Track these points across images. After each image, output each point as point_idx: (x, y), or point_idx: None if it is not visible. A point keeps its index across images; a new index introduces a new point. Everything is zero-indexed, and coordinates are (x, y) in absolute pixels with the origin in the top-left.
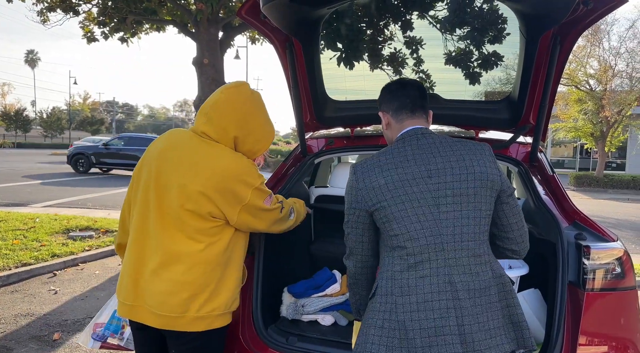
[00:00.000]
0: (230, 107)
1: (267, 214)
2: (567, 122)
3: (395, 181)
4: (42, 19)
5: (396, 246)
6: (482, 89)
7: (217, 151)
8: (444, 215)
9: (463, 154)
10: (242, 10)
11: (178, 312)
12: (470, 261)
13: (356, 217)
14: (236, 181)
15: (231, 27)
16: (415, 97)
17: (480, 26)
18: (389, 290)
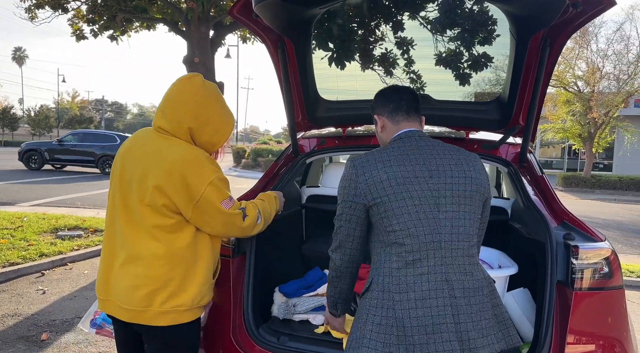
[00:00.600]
0: (183, 98)
1: (224, 218)
2: (556, 123)
3: (398, 177)
4: (30, 16)
5: (394, 242)
6: (473, 90)
7: (171, 144)
8: (442, 215)
9: (460, 159)
10: (234, 9)
11: (142, 305)
12: (465, 260)
13: (352, 210)
14: (188, 173)
15: (222, 26)
16: (409, 100)
17: (471, 27)
18: (387, 286)
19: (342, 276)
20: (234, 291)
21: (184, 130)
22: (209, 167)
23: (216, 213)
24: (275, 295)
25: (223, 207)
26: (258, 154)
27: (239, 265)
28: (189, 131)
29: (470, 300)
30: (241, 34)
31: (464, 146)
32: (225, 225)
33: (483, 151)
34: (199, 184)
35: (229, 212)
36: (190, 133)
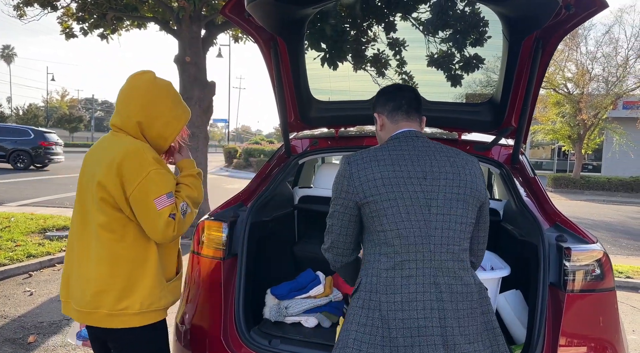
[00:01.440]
0: (134, 93)
1: (153, 217)
2: (546, 124)
3: (391, 177)
4: (18, 13)
5: (383, 242)
6: (465, 91)
7: (118, 139)
8: (433, 217)
9: (457, 162)
10: (226, 8)
11: (90, 307)
12: (455, 265)
13: (344, 208)
14: (125, 165)
15: (214, 25)
16: (410, 99)
17: (462, 29)
18: (374, 287)
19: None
20: (225, 293)
21: (133, 124)
22: (147, 160)
23: (146, 210)
24: (267, 297)
25: (155, 205)
26: (250, 154)
27: (230, 266)
28: (138, 125)
29: (458, 304)
30: (233, 33)
31: (456, 147)
32: (156, 227)
33: (475, 152)
34: (134, 175)
35: (159, 212)
36: (140, 128)
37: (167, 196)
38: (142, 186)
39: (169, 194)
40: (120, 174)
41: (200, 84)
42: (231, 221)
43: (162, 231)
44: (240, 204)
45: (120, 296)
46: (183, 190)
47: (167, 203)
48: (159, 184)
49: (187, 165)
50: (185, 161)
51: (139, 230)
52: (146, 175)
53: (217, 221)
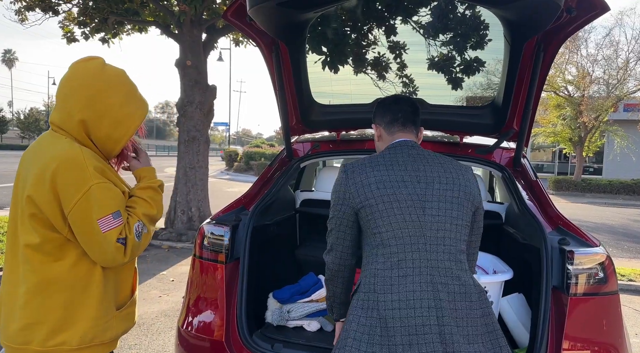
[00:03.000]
0: (77, 85)
1: (99, 241)
2: (546, 127)
3: (385, 181)
4: (20, 18)
5: (379, 244)
6: (466, 94)
7: (54, 141)
8: (428, 218)
9: (450, 168)
10: (228, 13)
11: (18, 342)
12: (452, 265)
13: (342, 213)
14: (60, 178)
15: (215, 29)
16: (407, 112)
17: (463, 32)
18: (372, 287)
19: (334, 279)
20: (227, 297)
21: (75, 123)
22: (87, 171)
23: (89, 232)
24: (269, 301)
25: (99, 227)
26: (250, 158)
27: (232, 270)
28: (81, 124)
29: (456, 304)
30: (234, 37)
31: (458, 150)
32: (102, 253)
33: (477, 155)
34: (72, 190)
35: (104, 235)
36: (84, 128)
37: (114, 217)
38: (82, 204)
39: (115, 214)
40: (55, 189)
41: (201, 87)
42: (233, 225)
43: (111, 258)
44: (242, 208)
45: (55, 329)
46: (139, 206)
47: (115, 225)
48: (103, 201)
49: (146, 174)
50: (143, 169)
51: (81, 251)
52: (87, 190)
53: (219, 225)
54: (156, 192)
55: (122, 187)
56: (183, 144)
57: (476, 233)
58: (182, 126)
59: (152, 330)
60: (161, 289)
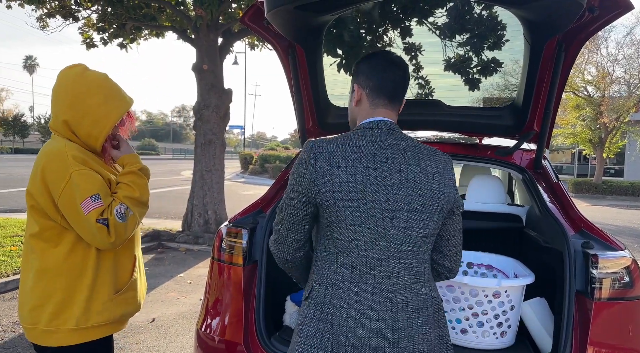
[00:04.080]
0: (61, 90)
1: (84, 223)
2: (565, 128)
3: (357, 182)
4: (41, 25)
5: (339, 251)
6: (484, 95)
7: (48, 143)
8: (395, 230)
9: (427, 167)
10: (245, 17)
11: (29, 322)
12: (412, 279)
13: (301, 204)
14: (47, 169)
15: (231, 34)
16: (398, 82)
17: (480, 32)
18: (327, 298)
19: (288, 269)
20: (245, 299)
21: (60, 124)
22: (67, 160)
23: (76, 216)
24: (287, 304)
25: (82, 209)
26: (265, 161)
27: (250, 273)
28: (65, 124)
29: (412, 321)
30: (249, 41)
31: (477, 152)
32: (89, 234)
33: (497, 157)
34: (57, 180)
35: (87, 217)
36: (69, 127)
37: (92, 199)
38: (66, 190)
39: (94, 197)
40: (44, 180)
41: (218, 91)
42: (251, 228)
43: (96, 238)
44: (259, 211)
45: (55, 311)
46: (121, 190)
47: (93, 206)
48: (82, 186)
49: (129, 161)
50: (126, 157)
51: (76, 237)
52: (69, 178)
53: (237, 228)
54: (137, 176)
55: (107, 175)
56: (199, 148)
57: (454, 230)
58: (199, 130)
59: (171, 332)
60: (179, 291)
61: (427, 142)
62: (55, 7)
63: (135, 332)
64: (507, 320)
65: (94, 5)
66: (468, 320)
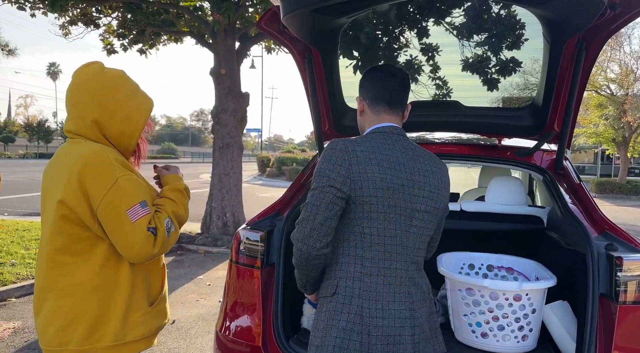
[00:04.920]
0: (81, 89)
1: (129, 231)
2: (588, 127)
3: (386, 181)
4: (64, 32)
5: (366, 246)
6: (503, 95)
7: (74, 146)
8: (413, 229)
9: (435, 173)
10: (261, 21)
11: (55, 344)
12: (417, 274)
13: (336, 198)
14: (86, 174)
15: (247, 38)
16: (394, 90)
17: (498, 32)
18: (356, 292)
19: (310, 267)
20: (263, 302)
21: (89, 124)
22: (112, 165)
23: (119, 224)
24: (304, 307)
25: (129, 217)
26: (282, 163)
27: (268, 275)
28: (95, 124)
29: (422, 311)
30: (266, 44)
31: (496, 153)
32: (133, 243)
33: (516, 158)
34: (100, 186)
35: (135, 225)
36: (99, 127)
37: (142, 206)
38: (109, 196)
39: (143, 203)
40: (83, 187)
41: (235, 95)
42: (268, 231)
43: (140, 247)
44: (276, 214)
45: (89, 328)
46: (168, 205)
47: (143, 213)
48: (130, 192)
49: (173, 179)
50: (170, 176)
51: (109, 250)
52: (114, 183)
53: (254, 231)
54: (182, 194)
55: (146, 181)
56: (217, 151)
57: (439, 231)
58: (217, 133)
59: (191, 334)
60: (198, 293)
61: (445, 144)
62: (77, 14)
63: None
64: (528, 324)
65: (114, 12)
66: (488, 324)
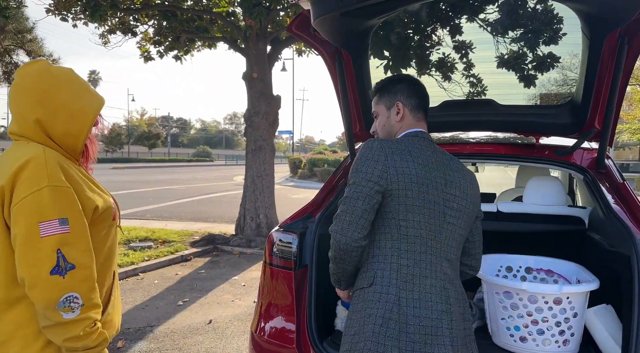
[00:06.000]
0: (24, 87)
1: (32, 246)
2: (632, 123)
3: (421, 176)
4: (103, 41)
5: (403, 238)
6: (540, 92)
7: (15, 149)
8: (446, 225)
9: (464, 175)
10: (292, 26)
11: None
12: (452, 272)
13: (374, 192)
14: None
15: (279, 41)
16: (427, 101)
17: (534, 27)
18: (393, 282)
19: (347, 257)
20: (296, 303)
21: (31, 124)
22: (47, 170)
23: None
24: (337, 309)
25: (39, 228)
26: (314, 164)
27: (301, 277)
28: (37, 124)
29: (457, 308)
30: (297, 47)
31: (534, 152)
32: (27, 262)
33: (555, 157)
34: (25, 186)
35: (42, 240)
36: (42, 128)
37: (60, 223)
38: (29, 200)
39: (62, 221)
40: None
41: (267, 98)
42: (301, 233)
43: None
44: (308, 216)
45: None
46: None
47: (56, 232)
48: (51, 205)
49: None
50: None
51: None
52: (38, 189)
53: (287, 233)
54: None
55: (94, 198)
56: (250, 154)
57: (478, 234)
58: (249, 136)
59: (227, 334)
60: (234, 293)
61: (480, 143)
62: (115, 23)
63: (193, 333)
64: (569, 328)
65: (151, 20)
66: (527, 328)
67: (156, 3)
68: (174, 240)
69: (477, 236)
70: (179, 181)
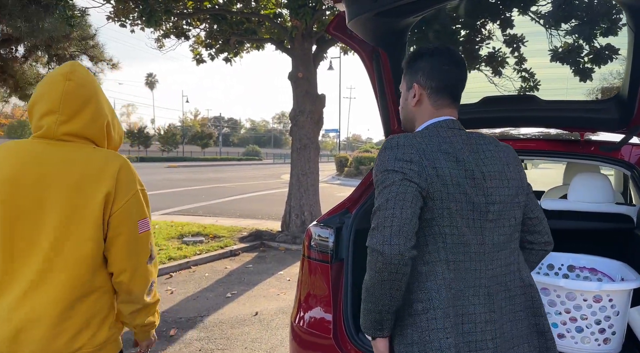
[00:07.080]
0: (88, 92)
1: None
2: None
3: (456, 175)
4: (158, 45)
5: (449, 248)
6: (592, 85)
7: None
8: (489, 223)
9: (502, 158)
10: (330, 27)
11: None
12: (502, 270)
13: (415, 191)
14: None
15: (324, 41)
16: (463, 82)
17: (590, 19)
18: (450, 301)
19: (394, 280)
20: (333, 296)
21: (100, 127)
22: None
23: (129, 232)
24: None
25: (138, 226)
26: (360, 163)
27: (337, 270)
28: (108, 127)
29: (503, 311)
30: (342, 46)
31: (578, 148)
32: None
33: (601, 153)
34: (125, 192)
35: (140, 236)
36: (108, 130)
37: (149, 220)
38: (130, 203)
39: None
40: (114, 185)
41: (312, 97)
42: (337, 227)
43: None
44: (345, 211)
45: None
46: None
47: (145, 228)
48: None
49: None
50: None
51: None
52: (134, 193)
53: (324, 227)
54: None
55: None
56: (295, 152)
57: (537, 207)
58: (295, 135)
59: (272, 326)
60: (279, 287)
61: (522, 140)
62: (169, 28)
63: (240, 324)
64: (610, 327)
65: (202, 23)
66: (565, 325)
67: (207, 7)
68: (224, 235)
69: (536, 212)
70: (229, 179)
